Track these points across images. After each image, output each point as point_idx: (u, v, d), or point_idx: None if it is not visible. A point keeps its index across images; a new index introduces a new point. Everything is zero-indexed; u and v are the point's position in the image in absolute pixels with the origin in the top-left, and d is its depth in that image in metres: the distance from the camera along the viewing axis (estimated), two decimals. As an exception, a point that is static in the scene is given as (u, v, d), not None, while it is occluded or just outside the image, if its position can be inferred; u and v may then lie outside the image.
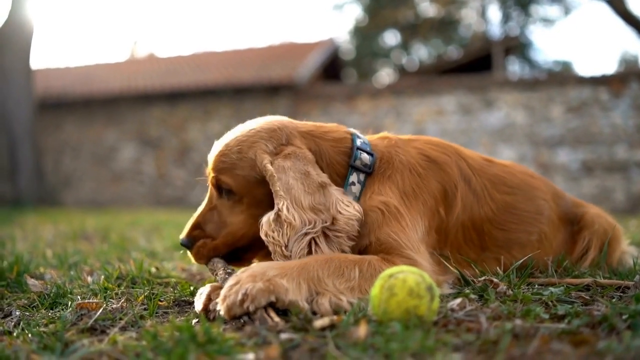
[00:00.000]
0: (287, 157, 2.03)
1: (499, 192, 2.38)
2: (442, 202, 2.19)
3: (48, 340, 1.54)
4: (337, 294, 1.72)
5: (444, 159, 2.26)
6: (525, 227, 2.41)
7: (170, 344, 1.39)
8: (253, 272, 1.69)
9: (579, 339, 1.37)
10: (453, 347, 1.37)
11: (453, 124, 13.29)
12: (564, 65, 31.82)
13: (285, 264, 1.78)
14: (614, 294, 1.99)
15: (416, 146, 2.29)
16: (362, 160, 2.13)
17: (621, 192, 12.09)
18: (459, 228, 2.25)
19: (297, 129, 2.16)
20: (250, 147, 2.07)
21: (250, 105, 14.79)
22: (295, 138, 2.12)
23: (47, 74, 18.04)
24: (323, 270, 1.76)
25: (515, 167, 2.58)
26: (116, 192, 15.72)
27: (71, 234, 5.49)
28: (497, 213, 2.35)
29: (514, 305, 1.78)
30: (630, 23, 14.33)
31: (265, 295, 1.62)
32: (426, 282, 1.56)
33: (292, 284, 1.67)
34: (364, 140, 2.22)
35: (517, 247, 2.38)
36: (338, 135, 2.21)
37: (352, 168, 2.13)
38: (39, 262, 3.21)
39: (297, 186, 1.97)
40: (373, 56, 31.72)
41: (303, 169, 2.02)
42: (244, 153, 2.07)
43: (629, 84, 12.15)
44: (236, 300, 1.61)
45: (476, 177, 2.33)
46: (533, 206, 2.45)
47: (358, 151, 2.14)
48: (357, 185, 2.12)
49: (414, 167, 2.18)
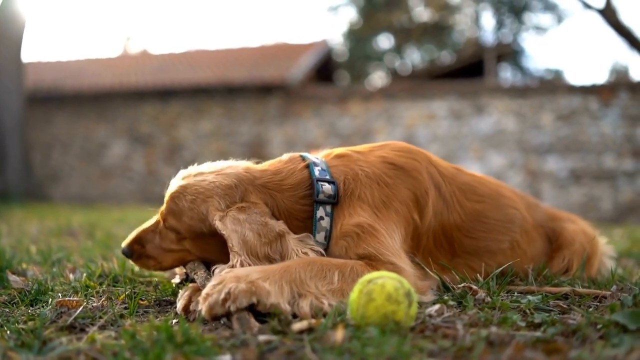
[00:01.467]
0: (241, 210, 2.01)
1: (469, 200, 2.37)
2: (415, 208, 2.18)
3: (26, 338, 1.54)
4: (318, 296, 1.73)
5: (413, 165, 2.23)
6: (495, 236, 2.40)
7: (148, 343, 1.40)
8: (237, 274, 1.69)
9: (552, 348, 1.39)
10: (428, 352, 1.39)
11: (444, 129, 13.33)
12: (555, 73, 31.98)
13: (268, 267, 1.79)
14: (591, 303, 2.01)
15: (380, 155, 2.25)
16: (325, 193, 2.08)
17: (608, 201, 12.16)
18: (430, 234, 2.25)
19: (253, 183, 2.11)
20: (203, 201, 2.05)
21: (242, 105, 14.77)
22: (250, 194, 2.08)
23: (38, 67, 17.89)
24: (305, 272, 1.77)
25: (485, 178, 2.58)
26: (105, 189, 15.64)
27: (57, 229, 5.47)
28: (466, 221, 2.34)
29: (491, 312, 1.79)
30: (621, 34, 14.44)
31: (247, 296, 1.62)
32: (404, 288, 1.57)
33: (274, 287, 1.68)
34: (321, 167, 2.16)
35: (487, 254, 2.38)
36: (294, 180, 2.14)
37: (317, 203, 2.09)
38: (22, 257, 3.19)
39: (253, 237, 1.95)
40: (366, 59, 31.74)
41: (260, 220, 1.99)
42: (197, 205, 2.06)
43: (619, 94, 12.23)
44: (218, 300, 1.62)
45: (446, 184, 2.31)
46: (503, 215, 2.44)
47: (318, 183, 2.09)
48: (325, 219, 2.09)
49: (380, 178, 2.14)
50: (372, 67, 32.82)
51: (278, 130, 14.33)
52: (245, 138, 14.56)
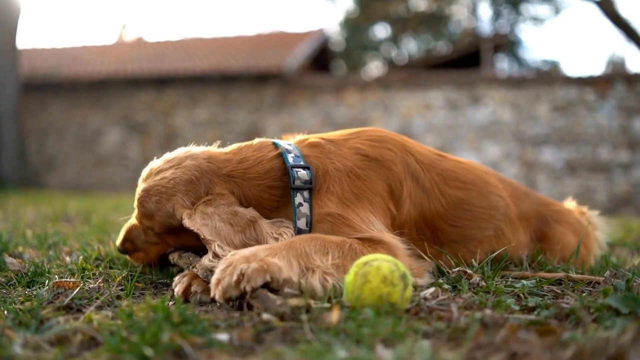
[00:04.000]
0: (208, 203, 2.00)
1: (451, 188, 2.32)
2: (390, 199, 2.15)
3: (24, 317, 1.55)
4: (325, 271, 1.73)
5: (386, 156, 2.19)
6: (479, 224, 2.37)
7: (145, 323, 1.40)
8: (244, 254, 1.68)
9: (545, 330, 1.40)
10: (423, 333, 1.40)
11: (440, 119, 13.34)
12: (552, 64, 32.02)
13: (272, 245, 1.79)
14: (584, 288, 2.03)
15: (353, 145, 2.20)
16: (300, 179, 2.06)
17: (603, 193, 12.22)
18: (412, 225, 2.22)
19: (217, 174, 2.08)
20: (168, 200, 2.04)
21: (237, 94, 14.75)
22: (215, 185, 2.06)
23: (34, 54, 17.83)
24: (309, 246, 1.78)
25: (470, 164, 2.52)
26: (100, 176, 15.62)
27: (52, 215, 5.46)
28: (449, 209, 2.30)
29: (486, 296, 1.81)
30: (618, 25, 14.45)
31: (261, 275, 1.61)
32: (400, 271, 1.58)
33: (284, 262, 1.68)
34: (294, 153, 2.13)
35: (473, 242, 2.35)
36: (262, 169, 2.11)
37: (293, 190, 2.06)
38: (19, 241, 3.19)
39: (226, 227, 1.94)
40: (363, 49, 31.71)
41: (228, 210, 1.98)
42: (163, 205, 2.05)
43: (615, 86, 12.26)
44: (231, 282, 1.59)
45: (425, 172, 2.27)
46: (487, 202, 2.40)
47: (293, 170, 2.06)
48: (305, 205, 2.06)
49: (351, 170, 2.11)
50: (368, 56, 32.80)
51: (274, 119, 14.31)
52: (241, 127, 14.53)
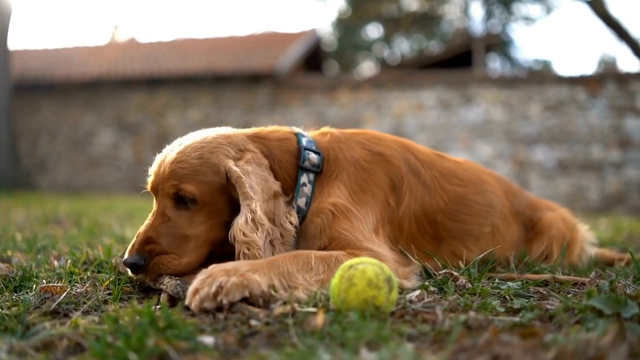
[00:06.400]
0: (248, 162, 2.06)
1: (450, 184, 2.43)
2: (391, 193, 2.24)
3: (10, 323, 1.54)
4: (308, 287, 1.75)
5: (389, 152, 2.32)
6: (478, 220, 2.46)
7: (130, 328, 1.41)
8: (225, 268, 1.69)
9: (529, 332, 1.42)
10: (407, 336, 1.41)
11: (432, 118, 13.36)
12: (544, 64, 32.08)
13: (254, 261, 1.81)
14: (570, 289, 2.04)
15: (359, 140, 2.33)
16: (310, 161, 2.18)
17: (595, 192, 12.26)
18: (412, 219, 2.29)
19: (245, 134, 2.21)
20: (211, 152, 2.05)
21: (230, 94, 14.72)
22: (248, 143, 2.15)
23: (25, 55, 17.72)
24: (292, 265, 1.79)
25: (467, 163, 2.65)
26: (92, 177, 15.56)
27: (43, 218, 5.45)
28: (449, 203, 2.40)
29: (472, 298, 1.82)
30: (609, 25, 14.52)
31: (239, 290, 1.61)
32: (385, 274, 1.59)
33: (264, 279, 1.69)
34: (308, 138, 2.27)
35: (471, 239, 2.43)
36: (282, 134, 2.26)
37: (301, 169, 2.17)
38: (8, 245, 3.19)
39: (259, 191, 2.01)
40: (355, 49, 31.69)
41: (263, 175, 2.07)
42: (206, 158, 2.02)
43: (606, 85, 12.31)
44: (209, 293, 1.59)
45: (425, 169, 2.38)
46: (484, 199, 2.50)
47: (305, 151, 2.19)
48: (308, 186, 2.17)
49: (358, 162, 2.23)
50: (360, 56, 32.79)
51: (266, 120, 14.28)
52: (234, 127, 14.47)
